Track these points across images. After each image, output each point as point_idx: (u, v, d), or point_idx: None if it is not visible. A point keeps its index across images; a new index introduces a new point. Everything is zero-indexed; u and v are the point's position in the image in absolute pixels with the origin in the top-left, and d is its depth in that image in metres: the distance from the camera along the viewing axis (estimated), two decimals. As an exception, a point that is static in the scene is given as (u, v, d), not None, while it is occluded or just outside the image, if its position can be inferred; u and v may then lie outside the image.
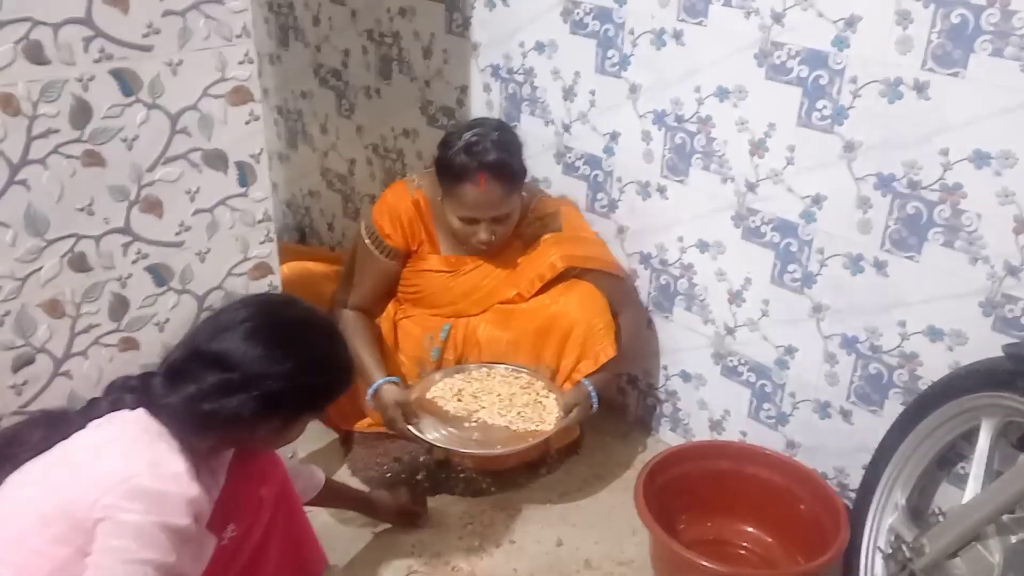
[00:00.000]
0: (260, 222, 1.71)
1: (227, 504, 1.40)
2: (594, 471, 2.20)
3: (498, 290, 2.14)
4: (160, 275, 1.59)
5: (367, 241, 2.13)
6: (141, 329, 1.60)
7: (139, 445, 1.24)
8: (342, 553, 1.91)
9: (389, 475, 2.13)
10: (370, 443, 2.19)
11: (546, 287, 2.10)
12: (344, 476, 2.16)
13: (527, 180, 2.11)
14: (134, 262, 1.55)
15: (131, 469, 1.20)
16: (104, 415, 1.30)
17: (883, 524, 1.72)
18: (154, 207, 1.54)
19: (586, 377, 2.04)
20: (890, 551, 1.67)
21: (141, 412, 1.29)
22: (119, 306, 1.56)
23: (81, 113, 1.41)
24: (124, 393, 1.33)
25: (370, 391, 2.00)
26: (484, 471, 2.12)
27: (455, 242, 2.11)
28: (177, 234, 1.59)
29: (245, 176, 1.65)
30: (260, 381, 1.29)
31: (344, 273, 2.22)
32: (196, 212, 1.60)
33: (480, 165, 1.94)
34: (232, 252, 1.69)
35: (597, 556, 1.94)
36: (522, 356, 2.09)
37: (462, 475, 2.13)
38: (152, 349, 1.62)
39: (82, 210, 1.46)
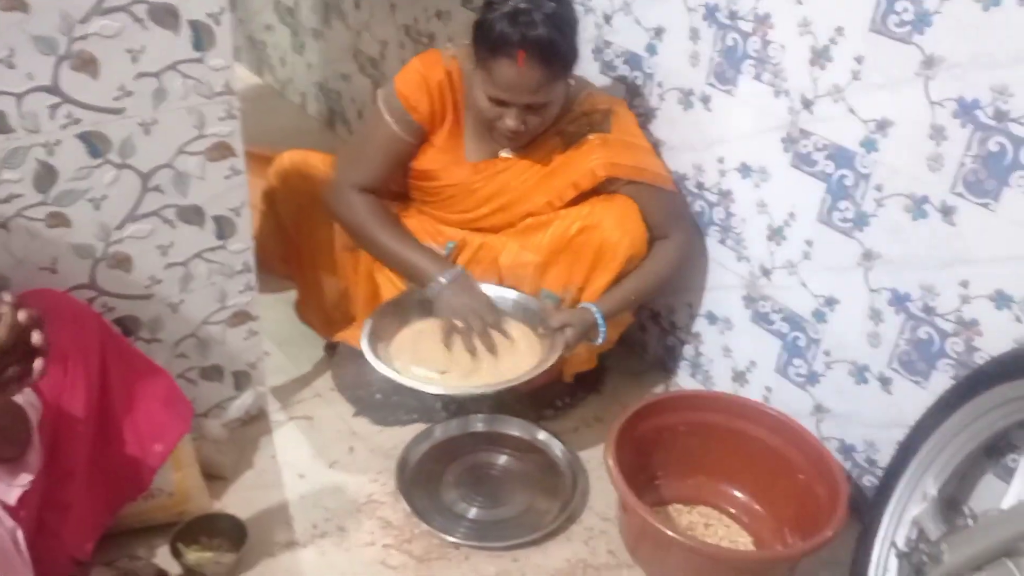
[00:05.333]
0: (220, 94, 1.48)
1: None
2: (594, 412, 1.98)
3: (528, 196, 1.81)
4: (95, 145, 1.39)
5: (386, 115, 1.80)
6: (73, 204, 1.41)
7: None
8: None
9: (379, 396, 1.94)
10: (358, 360, 1.96)
11: (580, 198, 1.79)
12: (327, 386, 2.00)
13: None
14: (63, 127, 1.35)
15: None
16: None
17: (906, 515, 1.46)
18: (87, 65, 1.33)
19: (596, 303, 1.76)
20: (907, 550, 1.42)
21: None
22: (46, 175, 1.37)
23: (-6, -56, 1.21)
24: None
25: (444, 281, 1.76)
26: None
27: (482, 141, 1.81)
28: (116, 99, 1.38)
29: (200, 38, 1.42)
30: None
31: (349, 151, 1.88)
32: (139, 76, 1.39)
33: (522, 39, 1.59)
34: (184, 126, 1.47)
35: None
36: (550, 280, 1.80)
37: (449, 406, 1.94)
38: (86, 228, 1.44)
39: (0, 62, 1.26)
